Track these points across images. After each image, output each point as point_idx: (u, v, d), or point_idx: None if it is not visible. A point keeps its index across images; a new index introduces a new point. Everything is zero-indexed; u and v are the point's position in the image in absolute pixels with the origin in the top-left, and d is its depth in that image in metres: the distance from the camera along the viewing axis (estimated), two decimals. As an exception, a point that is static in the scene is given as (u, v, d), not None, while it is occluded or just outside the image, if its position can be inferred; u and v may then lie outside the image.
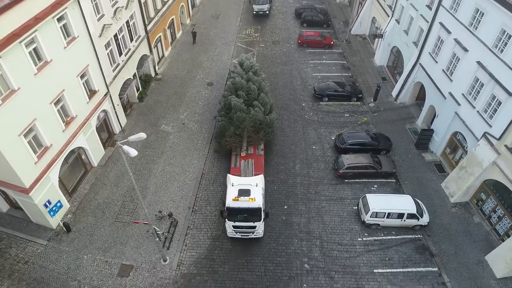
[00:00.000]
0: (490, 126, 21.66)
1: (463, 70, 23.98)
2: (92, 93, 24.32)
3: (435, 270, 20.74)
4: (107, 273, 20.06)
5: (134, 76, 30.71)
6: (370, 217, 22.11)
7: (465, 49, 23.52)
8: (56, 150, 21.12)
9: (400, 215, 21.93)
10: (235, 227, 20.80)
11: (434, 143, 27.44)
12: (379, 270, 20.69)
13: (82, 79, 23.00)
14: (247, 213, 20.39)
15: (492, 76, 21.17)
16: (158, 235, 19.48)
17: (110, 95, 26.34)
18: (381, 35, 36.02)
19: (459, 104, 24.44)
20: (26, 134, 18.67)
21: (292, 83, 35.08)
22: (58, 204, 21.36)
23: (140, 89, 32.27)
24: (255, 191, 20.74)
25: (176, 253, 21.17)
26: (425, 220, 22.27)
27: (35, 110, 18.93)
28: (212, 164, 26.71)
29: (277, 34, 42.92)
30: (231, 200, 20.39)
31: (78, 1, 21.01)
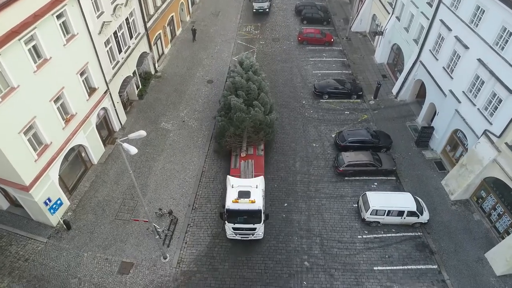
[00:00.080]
0: (491, 124, 21.63)
1: (464, 68, 23.93)
2: (92, 91, 24.29)
3: (435, 268, 20.78)
4: (108, 271, 20.11)
5: (134, 74, 30.66)
6: (370, 215, 22.12)
7: (466, 47, 23.47)
8: (56, 148, 21.12)
9: (400, 213, 21.95)
10: (235, 229, 20.64)
11: (435, 141, 27.42)
12: (379, 268, 20.72)
13: (82, 77, 22.96)
14: (247, 215, 20.12)
15: (493, 74, 21.13)
16: (158, 233, 19.50)
17: (110, 93, 26.30)
18: (382, 33, 35.94)
19: (460, 102, 24.40)
20: (26, 132, 18.65)
21: (292, 81, 35.02)
22: (58, 202, 21.34)
23: (140, 87, 32.23)
24: (255, 193, 20.49)
25: (176, 251, 21.20)
26: (425, 218, 22.28)
27: (35, 108, 18.91)
28: (212, 162, 26.70)
29: (277, 32, 42.81)
30: (231, 202, 20.13)
31: (78, -2, 20.98)
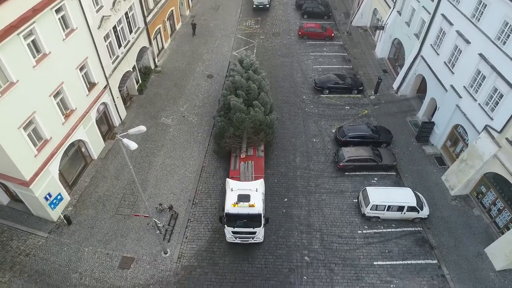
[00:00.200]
0: (492, 119, 21.58)
1: (465, 63, 23.82)
2: (92, 86, 24.20)
3: (435, 263, 20.85)
4: (108, 265, 20.18)
5: (134, 69, 30.54)
6: (370, 210, 22.16)
7: (467, 41, 23.34)
8: (56, 143, 21.08)
9: (400, 208, 21.97)
10: (234, 233, 20.41)
11: (435, 136, 27.38)
12: (379, 263, 20.79)
13: (81, 72, 22.86)
14: (247, 219, 19.86)
15: (494, 69, 21.04)
16: (159, 228, 19.56)
17: (110, 88, 26.21)
18: (383, 27, 35.74)
19: (461, 97, 24.33)
20: (26, 127, 18.61)
21: (293, 76, 34.90)
22: (59, 197, 21.36)
23: (140, 82, 32.11)
24: (255, 197, 20.12)
25: (177, 246, 21.26)
26: (425, 213, 22.32)
27: (35, 103, 18.85)
28: (212, 157, 26.68)
29: (278, 26, 42.58)
30: (230, 206, 19.82)
31: (77, -8, 20.83)
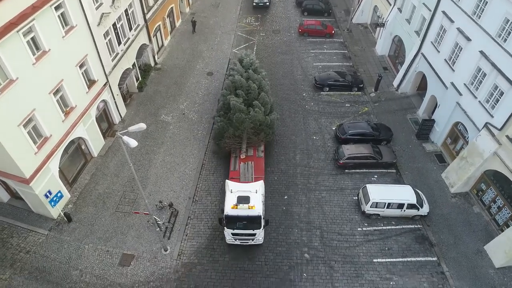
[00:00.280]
0: (492, 117, 21.55)
1: (466, 60, 23.76)
2: (92, 83, 24.17)
3: (434, 260, 20.88)
4: (109, 263, 20.22)
5: (134, 66, 30.48)
6: (370, 207, 22.17)
7: (468, 39, 23.28)
8: (56, 141, 21.08)
9: (400, 205, 21.97)
10: (234, 235, 20.33)
11: (435, 134, 27.36)
12: (379, 260, 20.82)
13: (81, 69, 22.82)
14: (247, 221, 19.76)
15: (495, 66, 20.99)
16: (159, 225, 19.57)
17: (110, 85, 26.17)
18: (383, 24, 35.63)
19: (461, 94, 24.29)
20: (26, 125, 18.60)
21: (293, 73, 34.83)
22: (59, 195, 21.37)
23: (140, 79, 32.06)
24: (255, 198, 20.00)
25: (177, 243, 21.29)
26: (425, 210, 22.33)
27: (34, 100, 18.82)
28: (212, 155, 26.67)
29: (278, 23, 42.47)
30: (230, 208, 19.68)
31: (76, -11, 20.76)
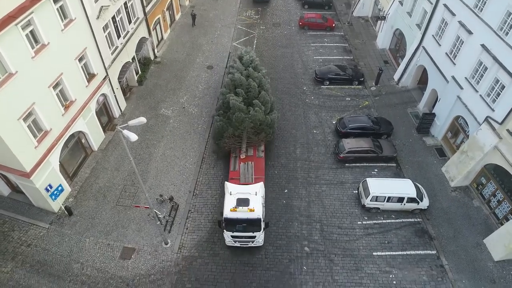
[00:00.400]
0: (493, 110, 21.50)
1: (467, 53, 23.64)
2: (91, 77, 24.07)
3: (434, 253, 20.98)
4: (110, 256, 20.33)
5: (133, 59, 30.34)
6: (370, 201, 22.22)
7: (470, 32, 23.13)
8: (56, 134, 21.07)
9: (400, 199, 22.03)
10: (234, 237, 20.13)
11: (436, 127, 27.32)
12: (378, 253, 20.92)
13: (81, 62, 22.71)
14: (246, 224, 19.51)
15: (496, 60, 20.89)
16: (159, 219, 19.64)
17: (109, 79, 26.08)
18: (384, 17, 35.42)
19: (462, 88, 24.20)
20: (26, 118, 18.57)
21: (293, 66, 34.70)
22: (59, 188, 21.42)
23: (139, 73, 31.94)
24: (255, 201, 19.76)
25: (178, 236, 21.38)
26: (425, 204, 22.38)
27: (34, 94, 18.77)
28: (213, 149, 26.66)
29: (278, 16, 42.21)
30: (229, 211, 19.45)
31: (75, -18, 20.59)
